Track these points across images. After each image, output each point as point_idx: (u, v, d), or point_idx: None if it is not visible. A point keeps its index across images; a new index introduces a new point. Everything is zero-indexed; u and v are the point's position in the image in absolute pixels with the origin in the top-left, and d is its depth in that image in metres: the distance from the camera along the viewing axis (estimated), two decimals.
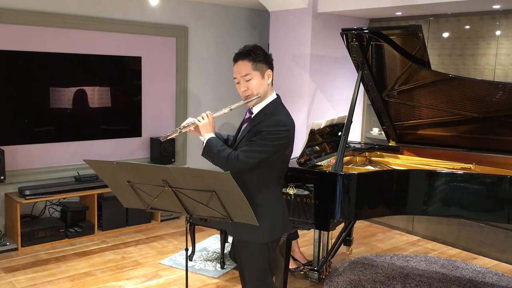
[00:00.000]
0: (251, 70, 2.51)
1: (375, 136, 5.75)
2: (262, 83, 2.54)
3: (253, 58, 2.51)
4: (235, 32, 6.14)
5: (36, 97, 4.82)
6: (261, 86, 2.53)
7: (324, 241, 4.08)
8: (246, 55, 2.52)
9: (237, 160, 2.44)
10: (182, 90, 5.78)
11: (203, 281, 4.08)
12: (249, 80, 2.52)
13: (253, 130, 2.50)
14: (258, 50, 2.53)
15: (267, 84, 2.55)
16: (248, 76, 2.51)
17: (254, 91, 2.53)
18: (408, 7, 4.74)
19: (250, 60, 2.51)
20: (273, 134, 2.44)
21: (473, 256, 4.81)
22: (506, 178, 3.40)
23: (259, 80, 2.52)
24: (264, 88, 2.54)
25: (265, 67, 2.54)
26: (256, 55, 2.51)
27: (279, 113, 2.54)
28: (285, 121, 2.50)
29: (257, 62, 2.51)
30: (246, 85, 2.53)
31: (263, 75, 2.53)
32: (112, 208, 5.08)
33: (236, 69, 2.57)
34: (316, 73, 5.42)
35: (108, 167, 2.50)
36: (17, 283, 3.94)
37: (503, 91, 3.64)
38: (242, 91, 2.56)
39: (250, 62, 2.51)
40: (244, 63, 2.52)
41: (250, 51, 2.51)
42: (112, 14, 5.17)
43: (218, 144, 2.52)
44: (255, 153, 2.44)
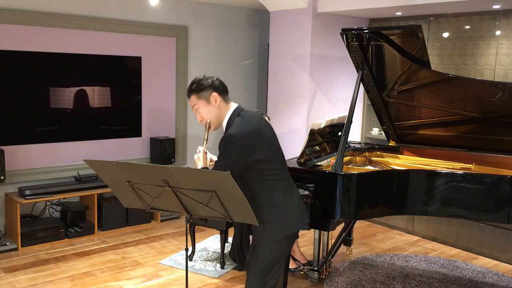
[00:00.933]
0: (196, 101, 2.68)
1: (375, 136, 5.75)
2: (210, 108, 2.68)
3: (193, 91, 2.68)
4: (235, 32, 6.14)
5: (36, 97, 4.82)
6: (211, 112, 2.68)
7: (324, 241, 4.08)
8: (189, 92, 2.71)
9: None
10: (182, 90, 5.78)
11: (203, 281, 4.08)
12: (197, 109, 2.69)
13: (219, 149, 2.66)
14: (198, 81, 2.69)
15: (216, 107, 2.67)
16: (195, 106, 2.69)
17: (206, 118, 2.69)
18: (408, 7, 4.74)
19: (193, 92, 2.69)
20: (225, 149, 2.57)
21: (473, 256, 4.82)
22: (506, 178, 3.40)
23: (205, 107, 2.67)
24: (214, 112, 2.68)
25: (207, 93, 2.66)
26: (195, 88, 2.67)
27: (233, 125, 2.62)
28: (232, 134, 2.55)
29: (197, 92, 2.67)
30: (199, 115, 2.71)
31: (208, 101, 2.67)
32: (112, 208, 5.08)
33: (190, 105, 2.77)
34: (316, 73, 5.42)
35: (108, 167, 2.51)
36: (17, 283, 3.94)
37: (503, 91, 3.64)
38: (199, 121, 2.74)
39: (193, 94, 2.69)
40: (191, 97, 2.70)
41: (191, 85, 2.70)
42: (112, 14, 5.17)
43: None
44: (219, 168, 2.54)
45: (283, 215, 2.65)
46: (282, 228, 2.66)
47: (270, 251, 2.66)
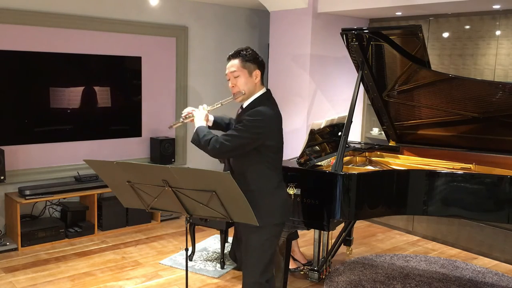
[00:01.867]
0: (239, 68, 2.68)
1: (375, 136, 5.75)
2: (249, 81, 2.70)
3: (242, 57, 2.68)
4: (235, 32, 6.14)
5: (36, 97, 4.82)
6: (247, 84, 2.70)
7: (324, 241, 4.08)
8: (237, 54, 2.70)
9: (216, 142, 2.60)
10: (182, 90, 5.78)
11: (203, 281, 4.08)
12: (236, 77, 2.69)
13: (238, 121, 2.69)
14: (248, 50, 2.71)
15: (254, 83, 2.72)
16: (236, 73, 2.69)
17: (240, 88, 2.70)
18: (408, 7, 4.74)
19: (239, 59, 2.69)
20: (251, 122, 2.61)
21: (473, 256, 4.82)
22: (506, 178, 3.40)
23: (246, 78, 2.69)
24: (250, 86, 2.71)
25: (253, 67, 2.70)
26: (245, 55, 2.69)
27: (262, 105, 2.69)
28: (263, 111, 2.65)
29: (245, 61, 2.68)
30: (234, 81, 2.71)
31: (250, 74, 2.70)
32: (112, 208, 5.08)
33: (227, 66, 2.74)
34: (316, 73, 5.42)
35: (108, 167, 2.51)
36: (17, 283, 3.94)
37: (503, 91, 3.64)
38: (230, 87, 2.74)
39: (239, 61, 2.69)
40: (234, 61, 2.70)
41: (240, 51, 2.70)
42: (112, 14, 5.17)
43: (205, 130, 2.71)
44: (233, 137, 2.60)
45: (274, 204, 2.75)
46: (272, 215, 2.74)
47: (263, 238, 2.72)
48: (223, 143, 2.59)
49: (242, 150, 2.63)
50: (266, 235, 2.72)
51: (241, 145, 2.61)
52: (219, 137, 2.62)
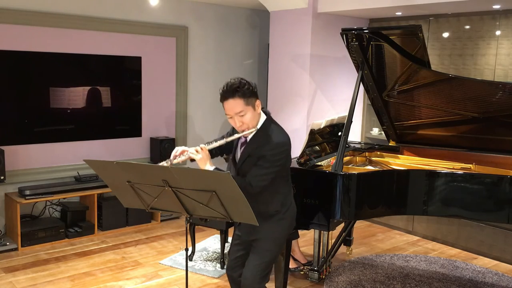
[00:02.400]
0: (244, 107, 2.57)
1: (375, 136, 5.75)
2: (255, 115, 2.63)
3: (242, 94, 2.56)
4: (235, 32, 6.14)
5: (36, 97, 4.82)
6: (254, 118, 2.63)
7: (324, 241, 4.08)
8: (235, 92, 2.56)
9: (251, 187, 2.58)
10: (182, 90, 5.78)
11: (203, 281, 4.08)
12: (243, 116, 2.59)
13: (254, 155, 2.62)
14: (244, 85, 2.58)
15: (258, 113, 2.66)
16: (242, 112, 2.58)
17: (249, 125, 2.63)
18: (408, 7, 4.74)
19: (240, 96, 2.56)
20: (276, 156, 2.60)
21: (473, 256, 4.81)
22: (506, 178, 3.40)
23: (252, 113, 2.61)
24: (257, 119, 2.65)
25: (254, 100, 2.61)
26: (244, 91, 2.56)
27: (274, 133, 2.65)
28: (283, 141, 2.65)
29: (247, 97, 2.57)
30: (241, 120, 2.60)
31: (254, 108, 2.62)
32: (112, 208, 5.08)
33: (228, 107, 2.60)
34: (316, 73, 5.42)
35: (108, 167, 2.51)
36: (17, 283, 3.94)
37: (503, 91, 3.64)
38: (238, 126, 2.64)
39: (241, 99, 2.56)
40: (236, 101, 2.56)
41: (237, 88, 2.55)
42: (112, 14, 5.17)
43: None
44: (264, 175, 2.60)
45: (292, 213, 2.85)
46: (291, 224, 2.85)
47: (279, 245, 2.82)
48: (257, 185, 2.59)
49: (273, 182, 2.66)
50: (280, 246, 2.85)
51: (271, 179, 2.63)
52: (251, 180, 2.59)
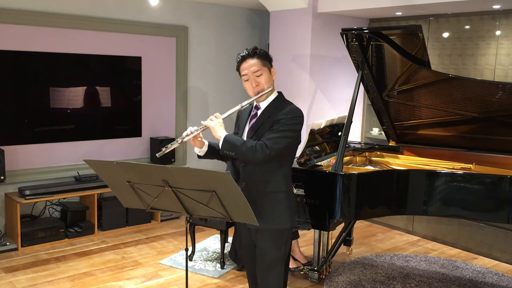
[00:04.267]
0: (260, 66, 2.67)
1: (375, 136, 5.75)
2: (270, 78, 2.71)
3: (259, 56, 2.68)
4: (235, 32, 6.14)
5: (36, 97, 4.82)
6: (269, 81, 2.71)
7: (324, 241, 4.08)
8: (253, 53, 2.68)
9: (266, 148, 2.56)
10: (182, 90, 5.78)
11: (203, 281, 4.08)
12: (259, 76, 2.67)
13: (268, 122, 2.66)
14: (260, 49, 2.72)
15: (273, 80, 2.74)
16: (259, 71, 2.67)
17: (265, 86, 2.68)
18: (408, 7, 4.74)
19: (258, 57, 2.68)
20: (291, 120, 2.64)
21: (473, 256, 4.81)
22: (506, 178, 3.40)
23: (267, 75, 2.70)
24: (271, 83, 2.73)
25: (270, 65, 2.73)
26: (262, 54, 2.69)
27: (288, 104, 2.73)
28: (297, 109, 2.72)
29: (263, 59, 2.69)
30: (257, 80, 2.67)
31: (270, 72, 2.72)
32: (112, 208, 5.08)
33: (245, 66, 2.69)
34: (316, 73, 5.42)
35: (108, 167, 2.51)
36: (17, 283, 3.94)
37: (503, 91, 3.64)
38: (254, 87, 2.69)
39: (258, 60, 2.67)
40: (253, 60, 2.67)
41: (255, 50, 2.69)
42: (112, 14, 5.17)
43: (238, 138, 2.67)
44: (280, 138, 2.60)
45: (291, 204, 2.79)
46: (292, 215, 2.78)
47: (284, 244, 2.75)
48: (272, 147, 2.56)
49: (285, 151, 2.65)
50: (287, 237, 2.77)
51: (288, 145, 2.63)
52: (264, 142, 2.57)
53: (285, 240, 2.73)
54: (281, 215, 2.67)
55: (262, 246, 2.71)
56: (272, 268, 2.71)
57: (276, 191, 2.67)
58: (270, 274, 2.72)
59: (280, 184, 2.68)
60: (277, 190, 2.68)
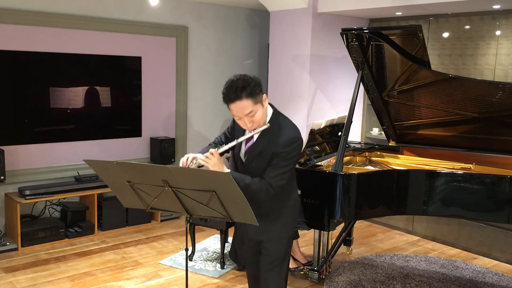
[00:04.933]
0: (253, 106, 2.42)
1: (375, 136, 5.75)
2: (264, 111, 2.51)
3: (250, 93, 2.39)
4: (235, 32, 6.14)
5: (36, 97, 4.82)
6: (264, 114, 2.51)
7: (324, 241, 4.08)
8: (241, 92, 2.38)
9: (272, 188, 2.52)
10: (182, 90, 5.78)
11: (203, 281, 4.08)
12: (254, 115, 2.45)
13: (267, 152, 2.52)
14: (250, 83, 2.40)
15: (266, 107, 2.52)
16: (252, 112, 2.44)
17: (260, 123, 2.50)
18: (408, 7, 4.74)
19: (247, 96, 2.39)
20: (292, 152, 2.51)
21: (473, 256, 4.81)
22: (506, 178, 3.40)
23: (262, 110, 2.48)
24: (265, 114, 2.53)
25: (261, 96, 2.46)
26: (251, 90, 2.39)
27: (285, 127, 2.55)
28: (296, 135, 2.54)
29: (255, 95, 2.42)
30: (251, 120, 2.47)
31: (262, 104, 2.48)
32: (112, 208, 5.08)
33: (235, 108, 2.43)
34: (316, 73, 5.42)
35: (108, 167, 2.50)
36: (17, 283, 3.94)
37: (503, 91, 3.64)
38: (248, 127, 2.51)
39: (249, 99, 2.40)
40: (244, 102, 2.40)
41: (243, 88, 2.38)
42: (112, 14, 5.17)
43: (241, 177, 2.49)
44: (283, 174, 2.54)
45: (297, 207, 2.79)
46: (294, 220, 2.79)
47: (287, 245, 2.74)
48: (277, 185, 2.52)
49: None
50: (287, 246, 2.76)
51: (289, 175, 2.59)
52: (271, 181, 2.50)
53: (287, 242, 2.74)
54: (287, 223, 2.69)
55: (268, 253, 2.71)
56: (274, 268, 2.72)
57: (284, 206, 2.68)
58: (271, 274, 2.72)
59: (288, 199, 2.69)
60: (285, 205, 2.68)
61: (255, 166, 2.57)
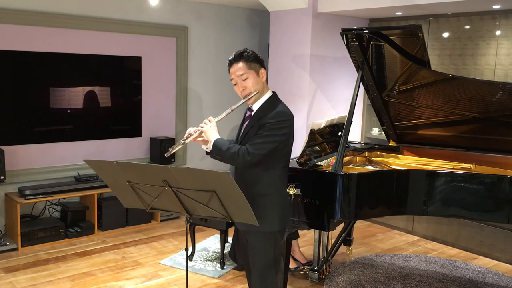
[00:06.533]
0: (246, 70, 2.67)
1: (375, 136, 5.75)
2: (258, 80, 2.69)
3: (245, 59, 2.67)
4: (235, 32, 6.14)
5: (36, 97, 4.82)
6: (257, 84, 2.69)
7: (324, 241, 4.08)
8: (239, 57, 2.68)
9: (248, 154, 2.57)
10: (182, 90, 5.78)
11: (203, 281, 4.08)
12: (245, 79, 2.67)
13: (256, 125, 2.65)
14: (248, 51, 2.71)
15: (262, 81, 2.72)
16: (244, 75, 2.67)
17: (252, 89, 2.68)
18: (408, 7, 4.74)
19: (243, 61, 2.67)
20: (277, 125, 2.60)
21: (473, 256, 4.81)
22: (506, 178, 3.40)
23: (254, 78, 2.68)
24: (260, 85, 2.70)
25: (258, 66, 2.70)
26: (248, 56, 2.68)
27: (278, 106, 2.69)
28: (285, 111, 2.67)
29: (250, 62, 2.67)
30: (244, 84, 2.68)
31: (257, 73, 2.69)
32: (112, 208, 5.08)
33: (232, 71, 2.71)
34: (316, 73, 5.42)
35: (108, 167, 2.51)
36: (17, 283, 3.94)
37: (503, 91, 3.64)
38: (240, 91, 2.72)
39: (243, 63, 2.67)
40: (238, 65, 2.68)
41: (241, 53, 2.69)
42: (112, 14, 5.17)
43: (225, 143, 2.65)
44: (263, 144, 2.59)
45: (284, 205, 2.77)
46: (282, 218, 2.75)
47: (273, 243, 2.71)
48: (254, 153, 2.55)
49: (272, 155, 2.62)
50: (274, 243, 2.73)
51: (272, 150, 2.60)
52: (247, 147, 2.57)
53: (274, 243, 2.71)
54: (270, 217, 2.65)
55: (252, 247, 2.72)
56: (262, 270, 2.70)
57: (265, 194, 2.65)
58: (261, 276, 2.71)
59: (271, 187, 2.67)
60: (267, 193, 2.66)
61: (247, 141, 2.65)
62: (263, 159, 2.59)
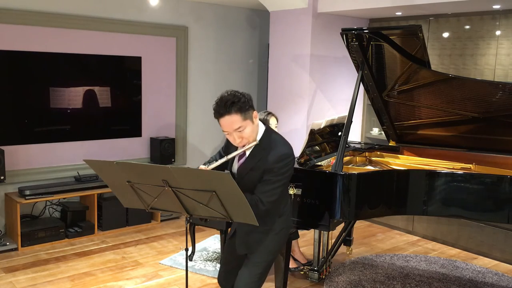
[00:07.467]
0: (242, 122, 2.44)
1: (375, 136, 5.75)
2: (254, 128, 2.51)
3: (240, 109, 2.42)
4: (235, 32, 6.14)
5: (36, 97, 4.82)
6: (254, 131, 2.52)
7: (324, 241, 4.08)
8: (231, 107, 2.41)
9: (263, 204, 2.49)
10: (182, 90, 5.78)
11: (203, 281, 4.08)
12: (242, 131, 2.47)
13: (258, 169, 2.53)
14: (240, 98, 2.44)
15: (256, 124, 2.53)
16: (241, 128, 2.46)
17: (250, 139, 2.51)
18: (408, 7, 4.74)
19: (238, 111, 2.42)
20: (283, 168, 2.50)
21: (473, 256, 4.81)
22: (506, 178, 3.40)
23: (251, 127, 2.49)
24: (256, 131, 2.54)
25: (251, 111, 2.49)
26: (242, 104, 2.43)
27: (277, 144, 2.54)
28: (287, 152, 2.53)
29: (245, 111, 2.44)
30: (240, 135, 2.48)
31: (252, 121, 2.50)
32: (112, 208, 5.08)
33: (225, 123, 2.45)
34: (316, 73, 5.42)
35: (108, 167, 2.50)
36: (17, 283, 3.94)
37: (503, 91, 3.64)
38: (237, 142, 2.52)
39: (238, 114, 2.43)
40: (233, 117, 2.42)
41: (233, 103, 2.41)
42: (112, 14, 5.17)
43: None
44: (274, 190, 2.51)
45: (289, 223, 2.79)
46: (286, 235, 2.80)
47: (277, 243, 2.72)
48: (267, 201, 2.49)
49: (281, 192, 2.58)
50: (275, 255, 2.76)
51: (281, 191, 2.56)
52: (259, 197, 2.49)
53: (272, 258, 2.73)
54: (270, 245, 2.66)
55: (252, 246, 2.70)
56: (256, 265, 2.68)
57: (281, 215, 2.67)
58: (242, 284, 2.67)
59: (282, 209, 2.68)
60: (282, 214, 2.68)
61: (246, 182, 2.55)
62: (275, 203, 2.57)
